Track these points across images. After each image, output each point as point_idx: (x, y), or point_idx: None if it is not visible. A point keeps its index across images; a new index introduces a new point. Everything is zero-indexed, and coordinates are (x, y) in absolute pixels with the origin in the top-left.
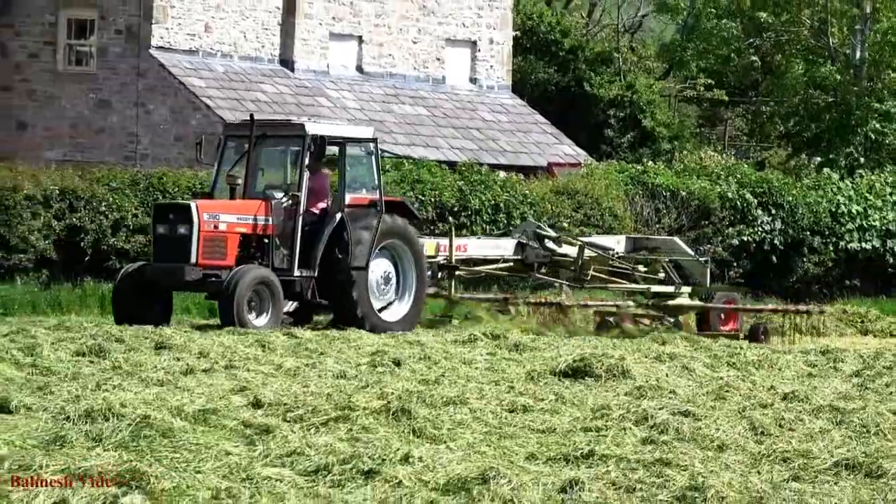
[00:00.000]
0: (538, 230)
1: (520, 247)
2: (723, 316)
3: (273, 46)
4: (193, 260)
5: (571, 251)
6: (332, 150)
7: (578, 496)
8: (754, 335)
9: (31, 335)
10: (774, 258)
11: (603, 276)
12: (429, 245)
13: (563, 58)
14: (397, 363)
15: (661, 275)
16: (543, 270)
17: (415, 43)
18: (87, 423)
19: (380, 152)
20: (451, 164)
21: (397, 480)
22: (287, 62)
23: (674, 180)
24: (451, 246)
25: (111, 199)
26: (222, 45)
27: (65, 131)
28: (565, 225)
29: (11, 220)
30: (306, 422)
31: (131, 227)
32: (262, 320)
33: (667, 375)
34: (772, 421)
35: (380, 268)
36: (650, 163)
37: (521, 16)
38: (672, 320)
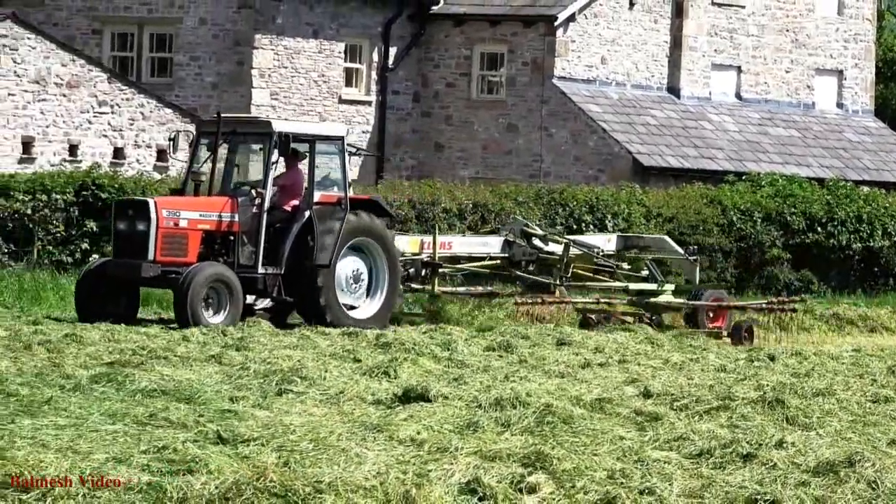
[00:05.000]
0: (525, 228)
1: (507, 244)
2: (711, 314)
3: (661, 76)
4: (151, 256)
5: (558, 249)
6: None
7: None
8: (737, 333)
9: (447, 332)
10: None
11: (588, 274)
12: (412, 242)
13: None
14: (772, 358)
15: (645, 272)
16: (531, 268)
17: (787, 72)
18: (496, 410)
19: (346, 149)
20: (820, 181)
21: (772, 463)
22: (673, 90)
23: None
24: (434, 243)
25: (517, 211)
26: (616, 75)
27: (477, 152)
28: None
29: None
30: (691, 410)
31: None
32: (219, 318)
33: None
34: None
35: (350, 266)
36: None
37: (883, 48)
38: (655, 318)
